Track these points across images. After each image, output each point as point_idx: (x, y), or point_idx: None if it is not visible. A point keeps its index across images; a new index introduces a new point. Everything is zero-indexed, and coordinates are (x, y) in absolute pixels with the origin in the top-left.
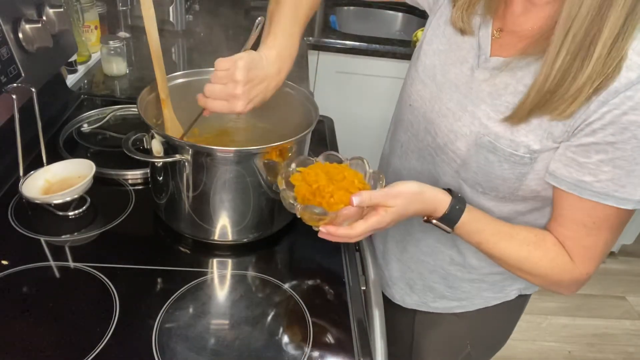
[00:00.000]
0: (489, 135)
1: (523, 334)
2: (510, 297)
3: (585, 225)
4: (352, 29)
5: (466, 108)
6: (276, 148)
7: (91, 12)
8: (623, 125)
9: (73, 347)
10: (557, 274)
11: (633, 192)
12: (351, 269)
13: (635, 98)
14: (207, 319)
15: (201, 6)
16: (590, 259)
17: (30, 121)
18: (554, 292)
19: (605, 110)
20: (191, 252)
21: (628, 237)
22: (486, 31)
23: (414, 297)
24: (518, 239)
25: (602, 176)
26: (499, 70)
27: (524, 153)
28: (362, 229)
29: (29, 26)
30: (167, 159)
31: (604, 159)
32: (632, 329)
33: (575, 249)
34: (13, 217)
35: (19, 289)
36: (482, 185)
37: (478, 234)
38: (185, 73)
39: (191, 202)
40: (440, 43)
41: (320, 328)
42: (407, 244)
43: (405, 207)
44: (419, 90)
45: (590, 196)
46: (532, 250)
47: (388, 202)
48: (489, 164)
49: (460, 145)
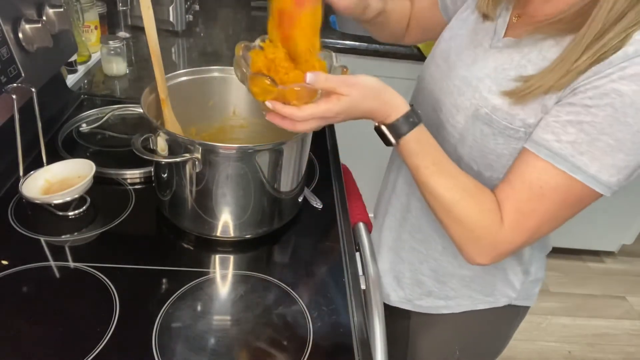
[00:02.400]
0: (486, 107)
1: (523, 334)
2: (499, 304)
3: (531, 188)
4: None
5: (470, 83)
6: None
7: (91, 12)
8: (605, 91)
9: (73, 347)
10: (480, 229)
11: (588, 164)
12: (351, 269)
13: (627, 70)
14: (207, 319)
15: (201, 6)
16: (520, 227)
17: (30, 121)
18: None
19: (594, 78)
20: (193, 249)
21: (628, 237)
22: (504, 18)
23: (400, 293)
24: (458, 180)
25: (565, 137)
26: (507, 47)
27: (519, 127)
28: (309, 112)
29: (29, 26)
30: (177, 159)
31: (572, 120)
32: (632, 329)
33: (511, 211)
34: (13, 217)
35: (19, 289)
36: (477, 162)
37: (420, 156)
38: (185, 72)
39: (195, 198)
40: (459, 28)
41: (320, 328)
42: (402, 232)
43: (359, 99)
44: (432, 72)
45: (546, 155)
46: (466, 196)
47: (343, 89)
48: (484, 137)
49: (460, 119)
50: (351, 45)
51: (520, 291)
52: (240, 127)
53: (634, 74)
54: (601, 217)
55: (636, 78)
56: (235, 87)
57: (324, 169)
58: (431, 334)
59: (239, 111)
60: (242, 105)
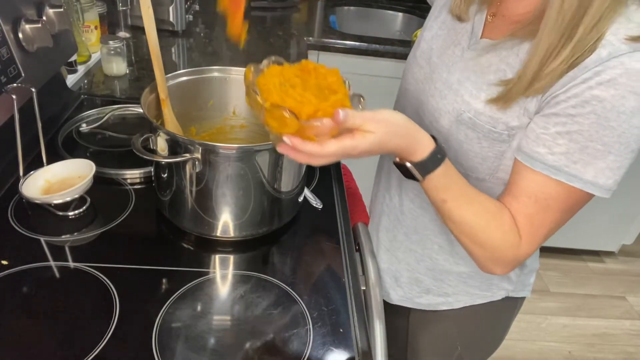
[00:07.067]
0: (469, 111)
1: (523, 334)
2: (497, 298)
3: (537, 201)
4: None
5: (451, 86)
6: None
7: (91, 12)
8: (585, 99)
9: (73, 347)
10: (505, 249)
11: (583, 170)
12: (351, 269)
13: (602, 74)
14: (207, 319)
15: (201, 6)
16: (534, 239)
17: (30, 121)
18: (487, 272)
19: (572, 84)
20: (193, 249)
21: (628, 237)
22: (481, 16)
23: (399, 292)
24: (481, 205)
25: (557, 149)
26: (485, 51)
27: (502, 130)
28: (333, 149)
29: (29, 26)
30: (177, 159)
31: (561, 131)
32: (632, 329)
33: (526, 226)
34: (13, 217)
35: (19, 289)
36: (462, 165)
37: (446, 191)
38: (185, 72)
39: (195, 198)
40: (439, 28)
41: (320, 328)
42: (397, 233)
43: (386, 137)
44: (415, 73)
45: (542, 169)
46: (491, 220)
47: (370, 126)
48: (468, 141)
49: (443, 123)
50: (351, 45)
51: (517, 283)
52: (240, 127)
53: (610, 79)
54: (601, 217)
55: (613, 83)
56: (235, 87)
57: (324, 169)
58: (431, 331)
59: (239, 111)
60: (242, 105)
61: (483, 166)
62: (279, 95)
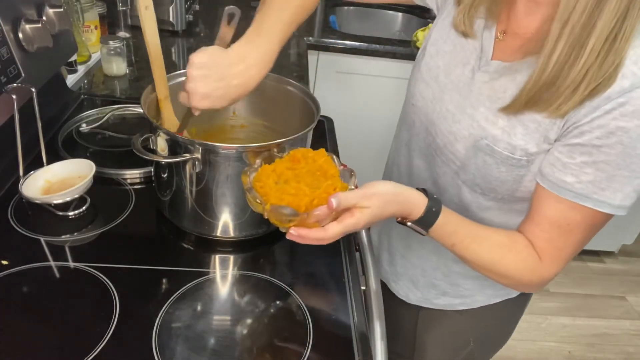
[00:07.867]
0: (486, 138)
1: (523, 334)
2: (513, 295)
3: (559, 227)
4: (352, 29)
5: (465, 110)
6: (276, 145)
7: (91, 12)
8: (610, 130)
9: (73, 347)
10: (527, 275)
11: (612, 197)
12: (351, 269)
13: (626, 105)
14: (207, 319)
15: (201, 6)
16: (559, 259)
17: (30, 121)
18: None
19: (595, 115)
20: (193, 249)
21: (628, 237)
22: (490, 34)
23: (417, 294)
24: (491, 241)
25: (584, 177)
26: (499, 74)
27: (521, 156)
28: (336, 231)
29: (29, 26)
30: (177, 159)
31: (588, 161)
32: (632, 329)
33: (547, 249)
34: (13, 217)
35: (19, 289)
36: (480, 187)
37: (452, 236)
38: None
39: (195, 198)
40: (444, 44)
41: (320, 328)
42: (412, 241)
43: (381, 208)
44: (422, 91)
45: (570, 197)
46: (505, 252)
47: (364, 202)
48: (487, 166)
49: (459, 148)
50: (351, 45)
51: None
52: (240, 127)
53: (634, 110)
54: None
55: (637, 113)
56: None
57: None
58: (443, 326)
59: (239, 111)
60: (242, 105)
61: (502, 188)
62: (276, 196)
